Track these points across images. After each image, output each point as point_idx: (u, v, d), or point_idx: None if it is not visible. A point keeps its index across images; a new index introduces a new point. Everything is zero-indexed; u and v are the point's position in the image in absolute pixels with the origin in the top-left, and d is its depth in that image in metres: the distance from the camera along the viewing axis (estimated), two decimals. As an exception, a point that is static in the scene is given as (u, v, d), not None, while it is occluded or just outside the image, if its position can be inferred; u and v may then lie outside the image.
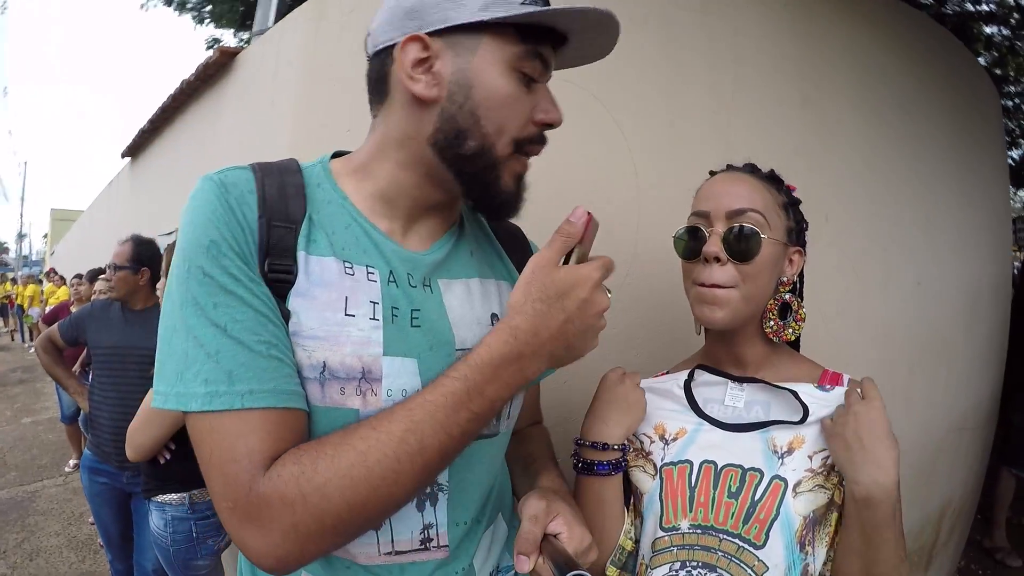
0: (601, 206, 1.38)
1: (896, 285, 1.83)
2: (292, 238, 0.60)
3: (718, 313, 0.80)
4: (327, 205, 0.65)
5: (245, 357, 0.54)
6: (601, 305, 0.61)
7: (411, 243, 0.70)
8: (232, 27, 7.30)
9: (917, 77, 2.04)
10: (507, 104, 0.63)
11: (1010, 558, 2.89)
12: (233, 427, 0.53)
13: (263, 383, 0.54)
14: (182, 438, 1.61)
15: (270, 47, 1.94)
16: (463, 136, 0.63)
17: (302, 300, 0.59)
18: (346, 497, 0.52)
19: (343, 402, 0.59)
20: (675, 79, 1.43)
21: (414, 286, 0.67)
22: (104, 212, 6.57)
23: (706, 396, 0.88)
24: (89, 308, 2.41)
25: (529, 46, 0.63)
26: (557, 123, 0.67)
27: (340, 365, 0.59)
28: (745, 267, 0.80)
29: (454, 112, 0.63)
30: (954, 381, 2.18)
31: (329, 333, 0.59)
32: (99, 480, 2.18)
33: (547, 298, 0.59)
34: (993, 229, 2.60)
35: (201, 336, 0.53)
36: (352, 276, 0.63)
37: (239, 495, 0.51)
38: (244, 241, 0.58)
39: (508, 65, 0.63)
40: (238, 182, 0.61)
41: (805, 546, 0.75)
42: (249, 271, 0.57)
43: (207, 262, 0.55)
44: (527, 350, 0.58)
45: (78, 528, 3.69)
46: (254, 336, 0.55)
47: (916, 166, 1.97)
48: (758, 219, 0.80)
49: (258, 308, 0.56)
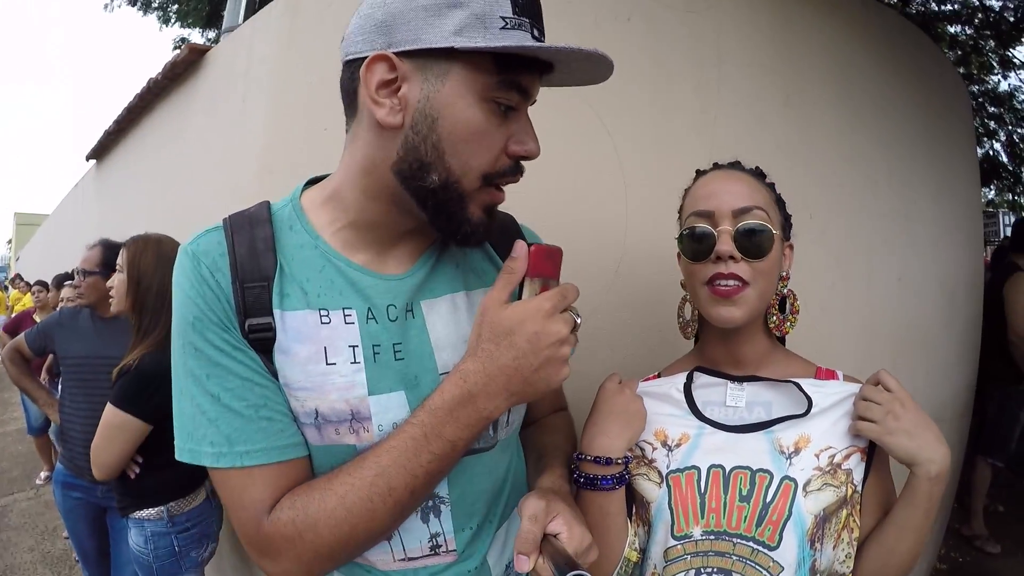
0: (587, 206, 1.35)
1: (879, 281, 1.84)
2: (267, 295, 0.63)
3: (736, 312, 0.79)
4: (299, 250, 0.66)
5: (238, 423, 0.61)
6: (555, 335, 0.60)
7: (390, 267, 0.69)
8: (199, 26, 7.16)
9: (892, 75, 2.07)
10: (474, 139, 0.59)
11: (988, 545, 2.96)
12: (238, 481, 0.61)
13: (256, 444, 0.61)
14: (151, 449, 1.59)
15: (242, 43, 1.87)
16: (425, 169, 0.60)
17: (284, 357, 0.63)
18: (333, 533, 0.60)
19: (339, 440, 0.64)
20: (660, 78, 1.42)
21: (394, 319, 0.67)
22: (70, 216, 6.35)
23: (705, 398, 0.87)
24: (57, 316, 2.30)
25: (505, 76, 0.58)
26: (533, 155, 0.64)
27: (330, 410, 0.64)
28: (758, 264, 0.79)
29: (418, 143, 0.59)
30: (934, 374, 2.22)
31: (314, 384, 0.63)
32: (73, 495, 2.09)
33: (495, 337, 0.60)
34: (966, 224, 2.65)
35: (201, 404, 0.61)
36: (329, 324, 0.65)
37: (250, 535, 0.62)
38: (222, 310, 0.62)
39: (480, 96, 0.58)
40: (209, 249, 0.64)
41: (815, 543, 0.75)
42: (231, 339, 0.62)
43: (195, 337, 0.61)
44: (479, 391, 0.60)
45: (52, 543, 3.56)
46: (243, 402, 0.61)
47: (894, 163, 1.99)
48: (763, 215, 0.80)
49: (243, 375, 0.61)
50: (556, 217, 1.34)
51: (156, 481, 1.64)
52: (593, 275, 1.35)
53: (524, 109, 0.64)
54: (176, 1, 7.23)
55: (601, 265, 1.36)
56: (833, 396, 0.81)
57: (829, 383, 0.83)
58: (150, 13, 7.55)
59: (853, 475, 0.78)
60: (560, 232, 1.39)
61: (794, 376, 0.84)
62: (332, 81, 1.53)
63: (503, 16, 0.56)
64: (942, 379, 2.32)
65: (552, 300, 0.61)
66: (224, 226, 0.66)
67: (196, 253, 0.63)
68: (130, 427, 1.52)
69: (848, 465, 0.78)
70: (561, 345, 0.60)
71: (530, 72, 0.60)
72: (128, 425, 1.52)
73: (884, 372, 0.79)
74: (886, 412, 0.75)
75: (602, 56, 0.58)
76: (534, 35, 0.59)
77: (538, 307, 0.60)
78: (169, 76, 2.51)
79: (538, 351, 0.59)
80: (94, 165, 4.52)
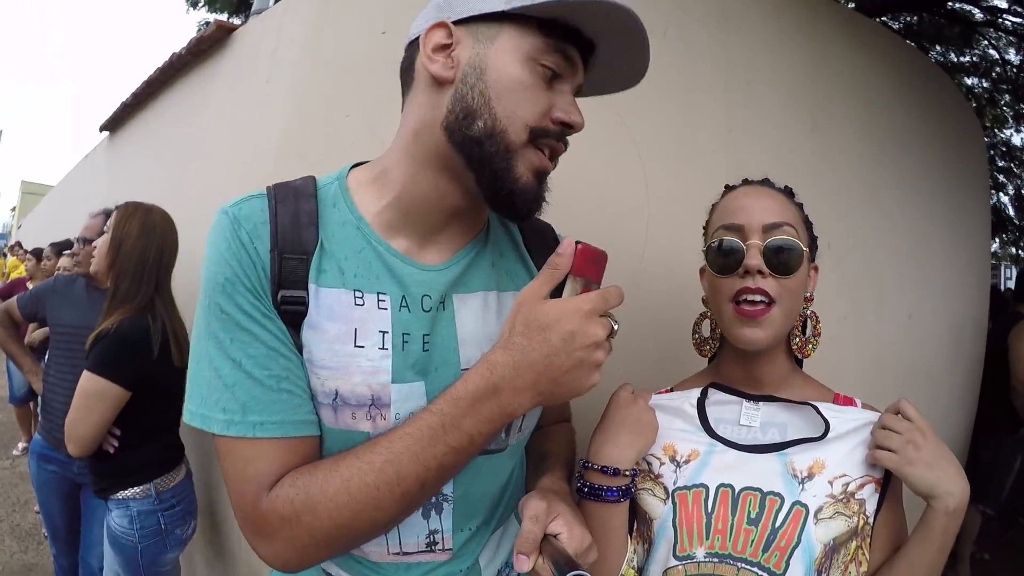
0: (608, 216, 1.34)
1: (889, 316, 1.83)
2: (304, 269, 0.62)
3: (761, 334, 0.78)
4: (341, 227, 0.66)
5: (257, 391, 0.59)
6: (592, 338, 0.57)
7: (428, 257, 0.69)
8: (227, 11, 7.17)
9: (915, 114, 2.07)
10: (519, 90, 0.61)
11: (973, 594, 2.92)
12: (245, 452, 0.59)
13: (272, 415, 0.59)
14: (129, 422, 1.54)
15: (271, 23, 1.86)
16: (472, 116, 0.61)
17: (313, 332, 0.62)
18: (333, 518, 0.57)
19: (355, 425, 0.63)
20: (689, 93, 1.41)
21: (427, 310, 0.67)
22: (78, 187, 6.32)
23: (718, 416, 0.85)
24: (52, 283, 2.26)
25: (552, 40, 0.61)
26: (577, 126, 0.64)
27: (351, 393, 0.63)
28: (786, 281, 0.78)
29: (465, 92, 0.61)
30: (936, 413, 2.20)
31: (340, 364, 0.62)
32: (48, 468, 2.03)
33: (528, 331, 0.58)
34: (976, 269, 2.65)
35: (220, 368, 0.59)
36: (362, 306, 0.64)
37: (247, 511, 0.59)
38: (256, 276, 0.61)
39: (526, 55, 0.61)
40: (251, 214, 0.63)
41: (821, 573, 0.73)
42: (262, 306, 0.61)
43: (223, 299, 0.60)
44: (505, 385, 0.57)
45: (22, 516, 3.49)
46: (265, 371, 0.60)
47: (912, 200, 1.99)
48: (793, 232, 0.79)
49: (270, 344, 0.60)
50: (575, 223, 1.32)
51: (141, 455, 1.60)
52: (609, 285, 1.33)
53: (569, 85, 0.65)
54: (205, -16, 7.26)
55: (618, 276, 1.33)
56: (851, 423, 0.79)
57: (848, 409, 0.81)
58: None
59: (866, 506, 0.76)
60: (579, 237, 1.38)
61: (812, 399, 0.82)
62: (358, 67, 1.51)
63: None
64: (943, 419, 2.30)
65: (593, 302, 0.59)
66: (268, 194, 0.65)
67: (238, 216, 0.62)
68: (109, 394, 1.47)
69: (862, 495, 0.76)
70: (596, 349, 0.58)
71: (574, 43, 0.63)
72: (107, 392, 1.47)
73: (905, 401, 0.77)
74: (906, 442, 0.73)
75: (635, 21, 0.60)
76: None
77: (577, 306, 0.58)
78: (193, 52, 2.50)
79: (571, 352, 0.57)
80: (106, 137, 4.51)
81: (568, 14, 0.60)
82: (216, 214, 0.63)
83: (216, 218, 0.63)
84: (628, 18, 0.60)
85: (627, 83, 0.71)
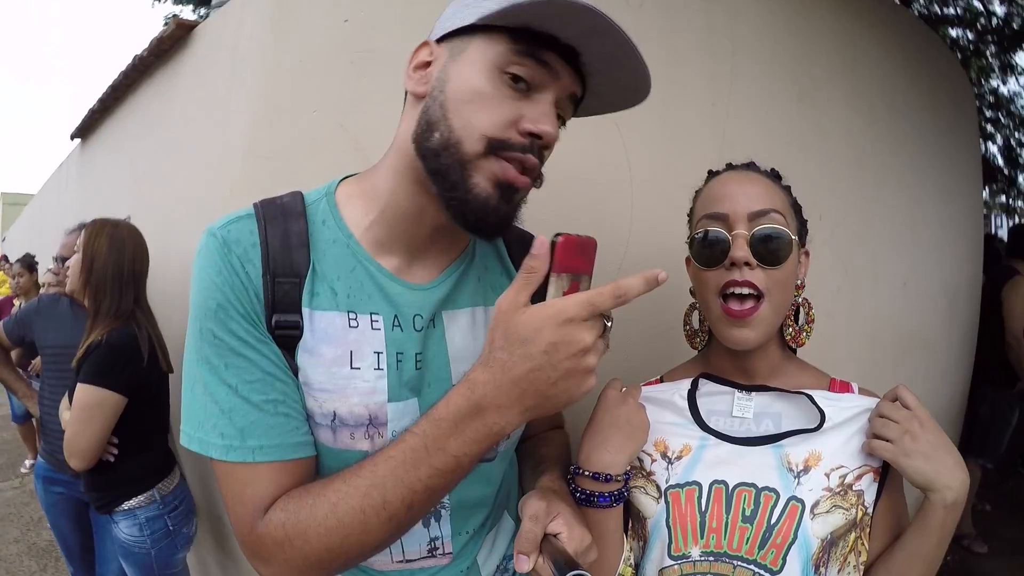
0: (591, 200, 1.29)
1: (885, 285, 1.81)
2: (296, 292, 0.62)
3: (751, 335, 0.75)
4: (332, 246, 0.65)
5: (255, 416, 0.59)
6: (578, 345, 0.53)
7: (418, 276, 0.69)
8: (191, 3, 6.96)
9: (903, 73, 2.02)
10: (476, 99, 0.59)
11: (976, 544, 2.97)
12: (243, 475, 0.59)
13: (271, 439, 0.60)
14: (126, 430, 1.57)
15: (231, 18, 1.77)
16: (431, 128, 0.61)
17: (309, 356, 0.62)
18: (323, 542, 0.57)
19: (353, 445, 0.64)
20: (671, 67, 1.35)
21: (419, 329, 0.67)
22: (54, 197, 6.18)
23: (710, 407, 0.82)
24: (36, 304, 2.24)
25: (519, 47, 0.59)
26: (546, 136, 0.60)
27: (349, 414, 0.63)
28: (775, 272, 0.74)
29: (430, 105, 0.62)
30: (933, 378, 2.20)
31: (336, 386, 0.63)
32: (55, 490, 2.03)
33: (509, 345, 0.54)
34: (968, 227, 2.63)
35: (215, 393, 0.59)
36: (356, 328, 0.64)
37: (244, 533, 0.60)
38: (249, 302, 0.60)
39: (491, 64, 0.59)
40: (241, 237, 0.62)
41: (819, 567, 0.71)
42: (256, 331, 0.60)
43: (216, 325, 0.59)
44: (488, 404, 0.55)
45: (37, 534, 3.49)
46: (262, 396, 0.59)
47: (904, 164, 1.95)
48: (781, 219, 0.75)
49: (265, 368, 0.60)
50: (557, 211, 1.28)
51: (140, 465, 1.65)
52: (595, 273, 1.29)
53: (547, 95, 0.61)
54: (167, -24, 7.03)
55: (603, 262, 1.30)
56: (847, 411, 0.77)
57: (844, 396, 0.79)
58: (141, -11, 7.35)
59: (864, 497, 0.74)
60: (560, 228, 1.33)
61: (806, 387, 0.80)
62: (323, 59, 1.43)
63: None
64: (940, 383, 2.30)
65: (577, 307, 0.53)
66: (256, 214, 0.64)
67: (227, 239, 0.61)
68: (108, 403, 1.51)
69: (860, 486, 0.74)
70: (584, 355, 0.53)
71: (550, 49, 0.59)
72: (106, 401, 1.51)
73: (903, 388, 0.74)
74: (903, 432, 0.70)
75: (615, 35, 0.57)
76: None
77: (559, 312, 0.53)
78: (155, 53, 2.41)
79: (556, 363, 0.52)
80: (79, 144, 4.39)
81: (536, 21, 0.58)
82: (203, 235, 0.61)
83: (203, 240, 0.61)
84: (596, 18, 0.56)
85: (634, 95, 0.68)
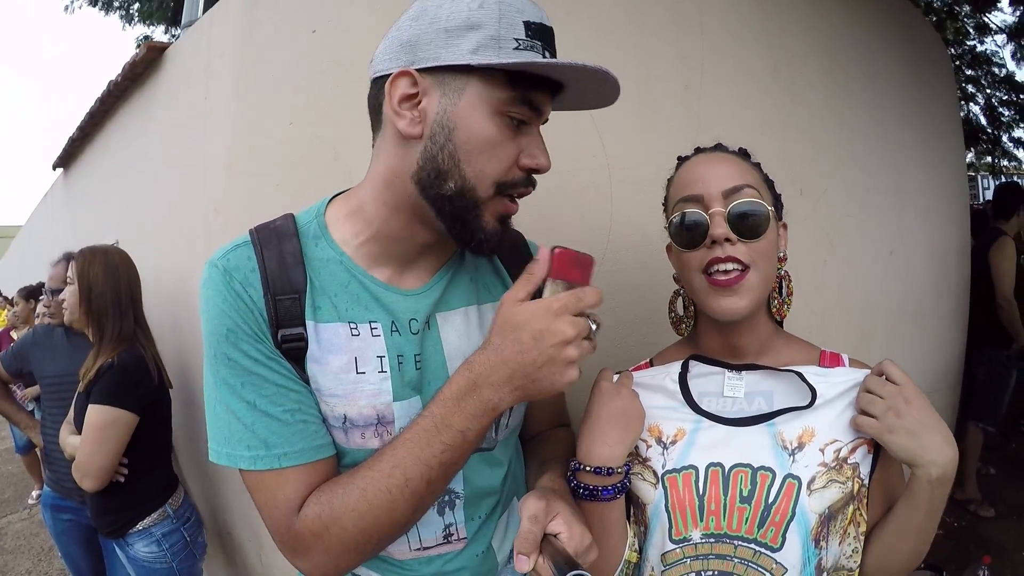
0: (570, 190, 1.30)
1: (871, 256, 1.81)
2: (298, 307, 0.67)
3: (740, 302, 0.74)
4: (326, 264, 0.70)
5: (275, 426, 0.64)
6: (559, 335, 0.60)
7: (409, 282, 0.74)
8: (163, 23, 6.91)
9: (878, 41, 2.02)
10: (488, 149, 0.63)
11: (982, 508, 2.99)
12: (273, 481, 0.65)
13: (293, 445, 0.65)
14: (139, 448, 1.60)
15: (201, 37, 1.77)
16: (443, 177, 0.64)
17: (317, 366, 0.67)
18: (357, 526, 0.63)
19: (364, 444, 0.69)
20: (641, 50, 1.35)
21: (415, 332, 0.72)
22: (41, 227, 6.16)
23: (701, 389, 0.82)
24: (31, 336, 2.26)
25: (518, 92, 0.63)
26: (544, 169, 0.67)
27: (359, 416, 0.68)
28: (756, 245, 0.74)
29: (435, 152, 0.64)
30: (927, 346, 2.21)
31: (345, 391, 0.68)
32: (63, 518, 2.04)
33: (503, 331, 0.62)
34: (953, 192, 2.63)
35: (236, 411, 0.65)
36: (358, 336, 0.69)
37: (282, 533, 0.65)
38: (255, 322, 0.65)
39: (494, 109, 0.63)
40: (240, 264, 0.67)
41: (819, 542, 0.72)
42: (265, 349, 0.65)
43: (228, 348, 0.64)
44: (483, 381, 0.62)
45: (49, 563, 3.47)
46: (279, 407, 0.65)
47: (884, 132, 1.95)
48: (755, 193, 0.75)
49: (279, 382, 0.65)
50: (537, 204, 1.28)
51: (150, 482, 1.68)
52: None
53: (536, 125, 0.67)
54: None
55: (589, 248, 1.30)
56: (839, 385, 0.77)
57: (834, 371, 0.79)
58: (112, 13, 7.29)
59: (860, 469, 0.74)
60: (542, 220, 1.33)
61: (797, 362, 0.80)
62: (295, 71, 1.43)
63: (516, 38, 0.61)
64: (935, 350, 2.31)
65: (562, 301, 0.62)
66: (252, 240, 0.69)
67: (227, 268, 0.66)
68: (122, 421, 1.54)
69: (855, 459, 0.74)
70: (565, 346, 0.60)
71: (541, 90, 0.64)
72: (120, 420, 1.54)
73: (889, 362, 0.74)
74: (887, 408, 0.70)
75: (606, 73, 0.61)
76: (545, 56, 0.63)
77: (547, 306, 0.61)
78: (129, 77, 2.39)
79: (542, 349, 0.60)
80: (61, 174, 4.36)
81: (535, 69, 0.62)
82: (206, 267, 0.67)
83: (206, 273, 0.67)
84: (599, 72, 0.61)
85: (597, 104, 0.72)
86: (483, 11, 0.60)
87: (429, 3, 0.63)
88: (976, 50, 8.22)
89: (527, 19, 0.62)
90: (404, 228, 0.70)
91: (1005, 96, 8.61)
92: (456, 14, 0.61)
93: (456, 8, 0.61)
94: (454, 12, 0.61)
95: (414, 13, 0.64)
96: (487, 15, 0.60)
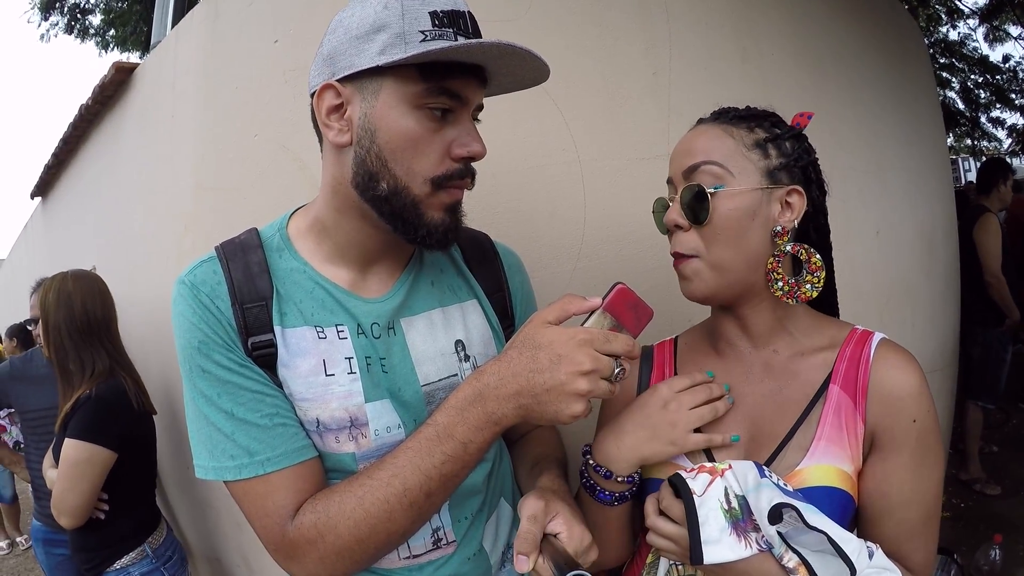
0: (541, 187, 1.27)
1: (857, 237, 1.80)
2: (266, 314, 0.68)
3: (688, 285, 0.72)
4: (290, 274, 0.72)
5: (256, 432, 0.65)
6: (577, 365, 0.58)
7: (371, 289, 0.75)
8: (138, 49, 6.90)
9: (850, 23, 2.01)
10: (411, 145, 0.64)
11: (988, 487, 2.96)
12: (260, 489, 0.65)
13: (275, 449, 0.65)
14: (119, 484, 1.53)
15: (167, 55, 1.74)
16: (375, 179, 0.65)
17: (287, 371, 0.68)
18: (353, 534, 0.62)
19: (339, 448, 0.70)
20: (606, 40, 1.33)
21: (378, 336, 0.73)
22: (23, 258, 6.08)
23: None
24: (8, 369, 2.17)
25: (432, 83, 0.63)
26: (477, 156, 0.67)
27: (331, 419, 0.69)
28: (704, 230, 0.69)
29: (363, 156, 0.65)
30: (921, 325, 2.19)
31: (316, 394, 0.68)
32: (56, 552, 1.97)
33: (522, 348, 0.62)
34: (936, 169, 2.63)
35: (216, 422, 0.65)
36: (325, 339, 0.70)
37: (275, 541, 0.65)
38: (224, 332, 0.66)
39: (412, 104, 0.63)
40: (206, 278, 0.68)
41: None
42: (237, 358, 0.66)
43: (202, 360, 0.65)
44: (489, 392, 0.61)
45: (42, 603, 3.38)
46: (257, 413, 0.65)
47: (861, 114, 1.94)
48: (715, 171, 0.69)
49: (253, 388, 0.66)
50: (508, 203, 1.26)
51: (131, 521, 1.61)
52: (555, 260, 1.27)
53: (465, 114, 0.66)
54: (112, 26, 6.96)
55: (561, 249, 1.28)
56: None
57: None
58: (88, 40, 7.27)
59: None
60: (516, 220, 1.31)
61: (817, 348, 0.72)
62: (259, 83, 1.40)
63: (422, 30, 0.61)
64: (929, 328, 2.29)
65: (592, 334, 0.60)
66: (217, 255, 0.71)
67: (194, 283, 0.68)
68: (98, 458, 1.46)
69: None
70: (579, 377, 0.59)
71: (458, 77, 0.63)
72: (96, 457, 1.46)
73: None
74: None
75: (512, 46, 0.60)
76: (458, 41, 0.62)
77: (573, 333, 0.60)
78: (100, 100, 2.36)
79: (554, 373, 0.59)
80: (40, 203, 4.31)
81: (443, 56, 0.61)
82: (175, 285, 0.68)
83: (175, 289, 0.68)
84: (502, 48, 0.60)
85: (533, 81, 0.70)
86: (387, 11, 0.61)
87: (344, 14, 0.65)
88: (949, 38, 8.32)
89: (433, 9, 0.62)
90: (356, 232, 0.71)
91: (980, 78, 8.71)
92: (364, 20, 0.62)
93: (364, 14, 0.62)
94: (362, 19, 0.62)
95: (331, 27, 0.66)
96: (391, 14, 0.61)
